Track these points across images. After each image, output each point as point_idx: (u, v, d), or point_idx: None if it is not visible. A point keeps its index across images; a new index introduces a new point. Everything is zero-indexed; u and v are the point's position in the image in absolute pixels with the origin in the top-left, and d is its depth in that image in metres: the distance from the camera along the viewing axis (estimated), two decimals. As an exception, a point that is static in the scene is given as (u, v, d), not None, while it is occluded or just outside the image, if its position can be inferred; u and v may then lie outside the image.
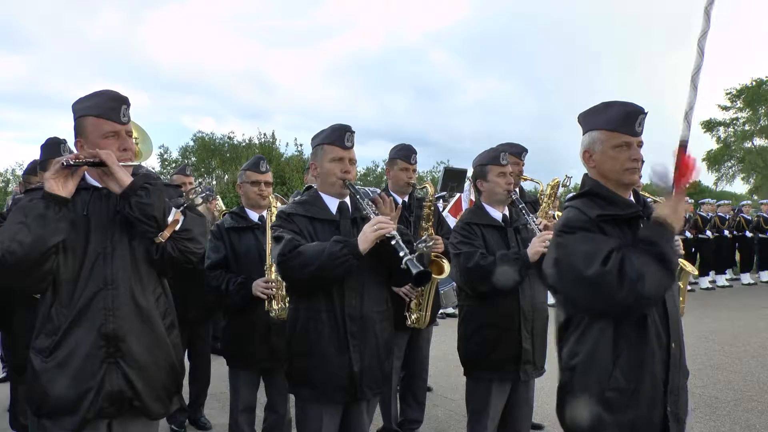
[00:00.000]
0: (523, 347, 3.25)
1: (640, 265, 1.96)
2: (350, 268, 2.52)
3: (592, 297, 2.04)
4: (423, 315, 3.97)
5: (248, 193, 3.70)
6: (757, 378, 5.98)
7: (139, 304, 2.32)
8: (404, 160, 4.13)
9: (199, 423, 4.67)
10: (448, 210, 8.06)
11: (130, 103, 2.38)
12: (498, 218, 3.41)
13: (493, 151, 3.48)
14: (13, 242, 2.11)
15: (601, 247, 2.03)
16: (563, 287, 2.15)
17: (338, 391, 2.64)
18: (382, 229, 2.52)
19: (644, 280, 1.95)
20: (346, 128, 2.77)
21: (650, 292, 1.98)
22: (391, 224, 2.56)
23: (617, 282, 1.95)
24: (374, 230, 2.53)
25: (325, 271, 2.50)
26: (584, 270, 2.01)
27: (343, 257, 2.49)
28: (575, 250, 2.07)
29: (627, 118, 2.17)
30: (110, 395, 2.25)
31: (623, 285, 1.95)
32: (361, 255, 2.52)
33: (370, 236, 2.52)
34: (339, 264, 2.49)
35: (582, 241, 2.07)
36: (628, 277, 1.95)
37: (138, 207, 2.22)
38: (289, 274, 2.62)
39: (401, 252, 2.48)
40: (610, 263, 1.97)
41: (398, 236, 2.53)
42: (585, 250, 2.04)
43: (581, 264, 2.03)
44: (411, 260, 2.47)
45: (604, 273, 1.97)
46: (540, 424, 4.64)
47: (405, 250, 2.49)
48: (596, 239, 2.07)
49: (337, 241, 2.54)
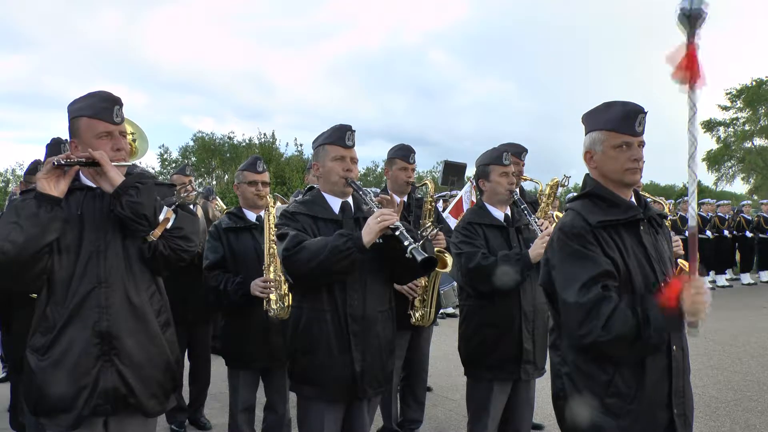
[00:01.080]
0: (524, 347, 3.24)
1: (621, 326, 1.93)
2: (354, 261, 2.52)
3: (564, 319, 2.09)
4: (427, 312, 3.95)
5: (245, 193, 3.70)
6: (757, 378, 5.98)
7: (132, 301, 2.34)
8: (403, 159, 4.14)
9: (199, 423, 4.67)
10: (449, 211, 8.04)
11: (122, 104, 2.39)
12: (500, 218, 3.40)
13: (496, 151, 3.48)
14: (6, 242, 2.12)
15: (584, 270, 2.02)
16: (551, 290, 2.17)
17: (340, 390, 2.64)
18: (386, 221, 2.53)
19: (611, 332, 1.93)
20: (347, 128, 2.78)
21: (609, 347, 1.99)
22: (395, 216, 2.56)
23: (584, 317, 1.97)
24: (378, 222, 2.53)
25: (329, 265, 2.50)
26: (561, 291, 2.06)
27: (347, 250, 2.50)
28: (560, 268, 2.10)
29: (626, 117, 2.16)
30: (105, 392, 2.27)
31: (586, 324, 1.96)
32: (365, 248, 2.52)
33: (375, 228, 2.53)
34: (343, 257, 2.50)
35: (569, 259, 2.08)
36: (599, 317, 1.94)
37: (129, 206, 2.24)
38: (293, 268, 2.62)
39: (406, 241, 2.48)
40: (589, 296, 1.98)
41: (402, 227, 2.54)
42: (567, 272, 2.06)
43: (561, 283, 2.07)
44: (416, 248, 2.47)
45: (577, 304, 1.99)
46: (540, 424, 4.63)
47: (409, 239, 2.49)
48: (583, 259, 2.05)
49: (341, 234, 2.55)
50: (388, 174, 4.25)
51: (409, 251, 2.46)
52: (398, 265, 2.60)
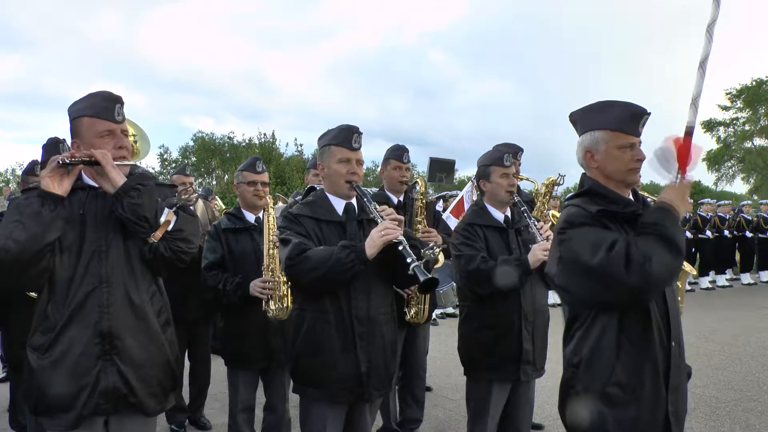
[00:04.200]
0: (524, 347, 3.24)
1: (646, 248, 1.93)
2: (357, 273, 2.53)
3: (600, 286, 2.01)
4: (422, 308, 3.95)
5: (245, 193, 3.69)
6: (757, 378, 5.98)
7: (133, 301, 2.34)
8: (396, 159, 4.16)
9: (199, 423, 4.67)
10: (450, 211, 8.03)
11: (123, 102, 2.39)
12: (500, 219, 3.40)
13: (497, 152, 3.48)
14: (9, 240, 2.12)
15: (605, 236, 2.02)
16: (570, 283, 2.12)
17: (345, 392, 2.64)
18: (390, 235, 2.53)
19: (651, 261, 1.91)
20: (353, 129, 2.76)
21: (658, 273, 1.94)
22: (398, 230, 2.56)
23: (624, 266, 1.92)
24: (381, 235, 2.53)
25: (332, 276, 2.51)
26: (590, 260, 1.99)
27: (350, 263, 2.50)
28: (579, 243, 2.05)
29: (633, 119, 2.17)
30: (106, 392, 2.27)
31: (631, 269, 1.92)
32: (368, 260, 2.53)
33: (378, 241, 2.53)
34: (346, 269, 2.50)
35: (585, 234, 2.06)
36: (635, 260, 1.92)
37: (129, 208, 2.23)
38: (296, 277, 2.63)
39: (408, 258, 2.48)
40: (616, 249, 1.96)
41: (405, 242, 2.54)
42: (589, 241, 2.03)
43: (587, 254, 2.01)
44: (418, 267, 2.47)
45: (610, 259, 1.94)
46: (540, 425, 4.63)
47: (412, 256, 2.49)
48: (599, 231, 2.06)
49: (345, 246, 2.55)
50: (383, 174, 4.27)
51: (411, 269, 2.46)
52: (399, 272, 2.59)
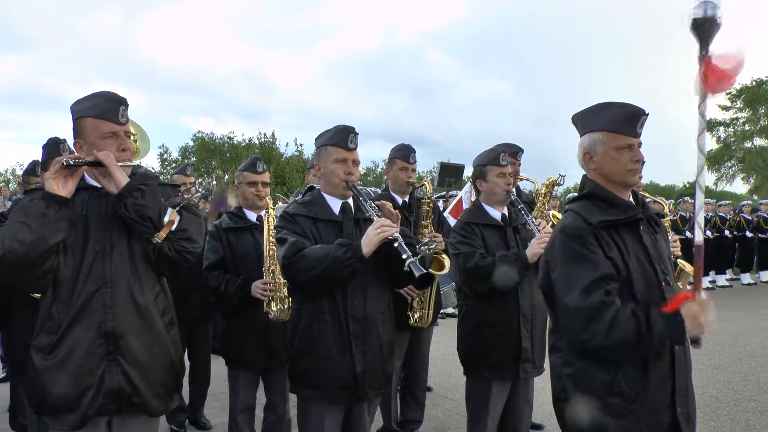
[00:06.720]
0: (523, 346, 3.25)
1: (623, 331, 1.92)
2: (354, 271, 2.54)
3: (565, 322, 2.07)
4: (425, 313, 3.97)
5: (245, 193, 3.70)
6: (757, 378, 5.99)
7: (137, 302, 2.34)
8: (403, 159, 4.14)
9: (199, 423, 4.68)
10: (449, 211, 8.03)
11: (128, 104, 2.40)
12: (497, 218, 3.41)
13: (493, 152, 3.49)
14: (14, 241, 2.13)
15: (586, 273, 2.01)
16: (548, 292, 2.16)
17: (341, 392, 2.65)
18: (385, 232, 2.54)
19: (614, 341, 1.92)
20: (349, 129, 2.77)
21: (611, 354, 1.99)
22: (394, 227, 2.57)
23: (585, 322, 1.96)
24: (377, 233, 2.54)
25: (329, 275, 2.52)
26: (562, 294, 2.04)
27: (347, 261, 2.51)
28: (561, 270, 2.08)
29: (629, 119, 2.15)
30: (110, 392, 2.27)
31: (589, 328, 1.95)
32: (365, 258, 2.53)
33: (374, 239, 2.54)
34: (343, 268, 2.51)
35: (570, 261, 2.06)
36: (602, 325, 1.93)
37: (133, 208, 2.24)
38: (293, 276, 2.64)
39: (404, 254, 2.49)
40: (591, 300, 1.96)
41: (401, 239, 2.55)
42: (569, 275, 2.04)
43: (562, 286, 2.05)
44: (414, 263, 2.47)
45: (579, 309, 1.98)
46: (540, 424, 4.64)
47: (408, 252, 2.50)
48: (585, 261, 2.04)
49: (341, 244, 2.55)
50: (389, 174, 4.25)
51: (407, 265, 2.47)
52: (396, 271, 2.60)
